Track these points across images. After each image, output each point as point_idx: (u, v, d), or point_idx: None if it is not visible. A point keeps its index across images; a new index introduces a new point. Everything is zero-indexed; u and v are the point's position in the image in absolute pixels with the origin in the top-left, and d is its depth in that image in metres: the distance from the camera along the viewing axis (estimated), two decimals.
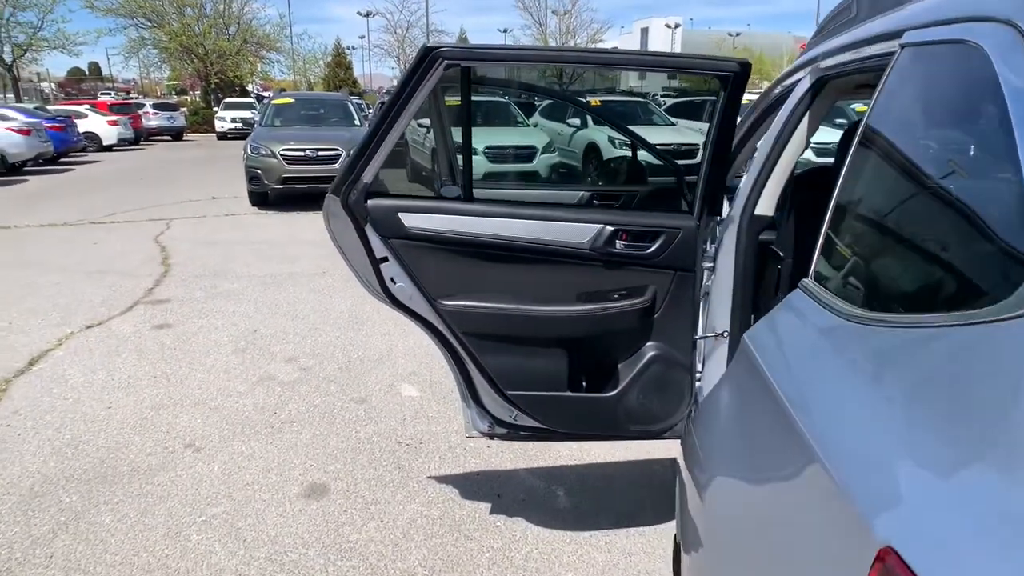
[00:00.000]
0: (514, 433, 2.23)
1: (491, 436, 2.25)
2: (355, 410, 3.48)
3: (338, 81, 43.05)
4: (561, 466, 2.96)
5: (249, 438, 3.18)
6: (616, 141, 10.10)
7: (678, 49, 47.62)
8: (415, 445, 3.12)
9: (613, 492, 2.78)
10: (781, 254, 2.13)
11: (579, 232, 1.96)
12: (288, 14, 58.13)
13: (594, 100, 12.14)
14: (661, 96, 21.45)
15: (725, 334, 2.15)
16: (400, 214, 1.90)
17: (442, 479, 2.85)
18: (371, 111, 17.15)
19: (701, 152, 2.02)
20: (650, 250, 2.00)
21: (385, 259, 1.94)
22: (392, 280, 1.96)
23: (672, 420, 2.14)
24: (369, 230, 1.90)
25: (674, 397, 2.12)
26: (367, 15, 47.58)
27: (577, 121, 11.54)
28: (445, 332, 2.02)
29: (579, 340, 2.06)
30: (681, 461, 1.65)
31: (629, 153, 3.06)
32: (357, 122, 10.79)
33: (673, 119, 12.15)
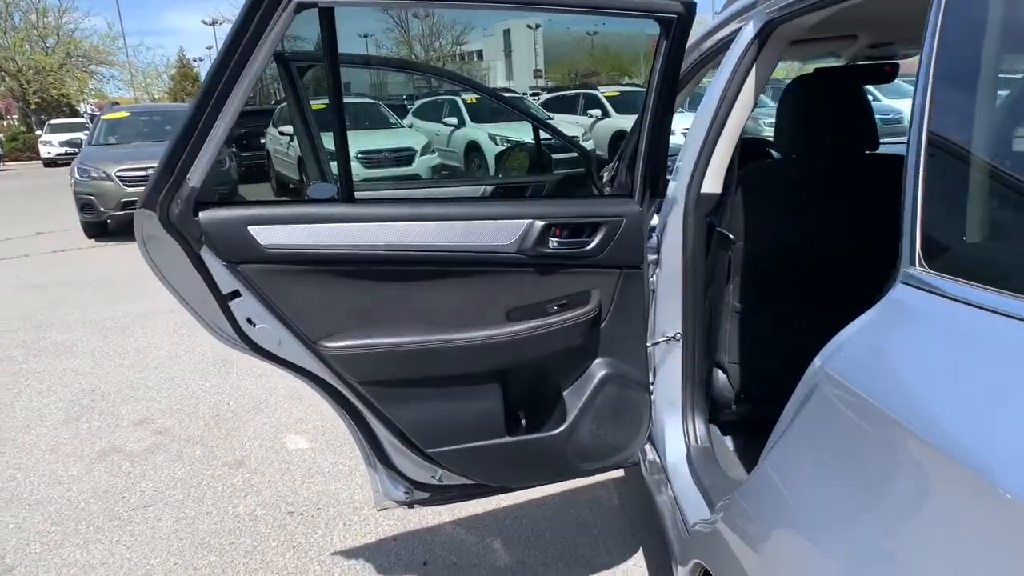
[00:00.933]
0: (440, 496, 1.73)
1: (410, 505, 1.74)
2: (230, 477, 2.81)
3: (185, 95, 39.91)
4: (493, 510, 2.49)
5: (87, 540, 2.43)
6: (497, 138, 9.77)
7: (541, 48, 48.53)
8: (311, 513, 2.52)
9: (559, 532, 2.34)
10: (732, 237, 1.78)
11: (502, 231, 1.51)
12: (120, 23, 53.13)
13: (470, 98, 11.73)
14: (530, 95, 21.59)
15: (678, 336, 1.78)
16: (251, 228, 1.34)
17: (351, 553, 2.29)
18: None
19: (638, 122, 1.63)
20: (590, 246, 1.58)
21: (236, 294, 1.38)
22: (250, 321, 1.40)
23: (633, 448, 1.74)
24: (207, 255, 1.33)
25: (633, 421, 1.73)
26: (213, 23, 44.46)
27: (454, 120, 11.09)
28: (334, 383, 1.49)
29: (513, 371, 1.60)
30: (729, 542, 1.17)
31: (527, 139, 2.65)
32: None
33: (549, 113, 12.05)
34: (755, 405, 2.00)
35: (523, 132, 8.79)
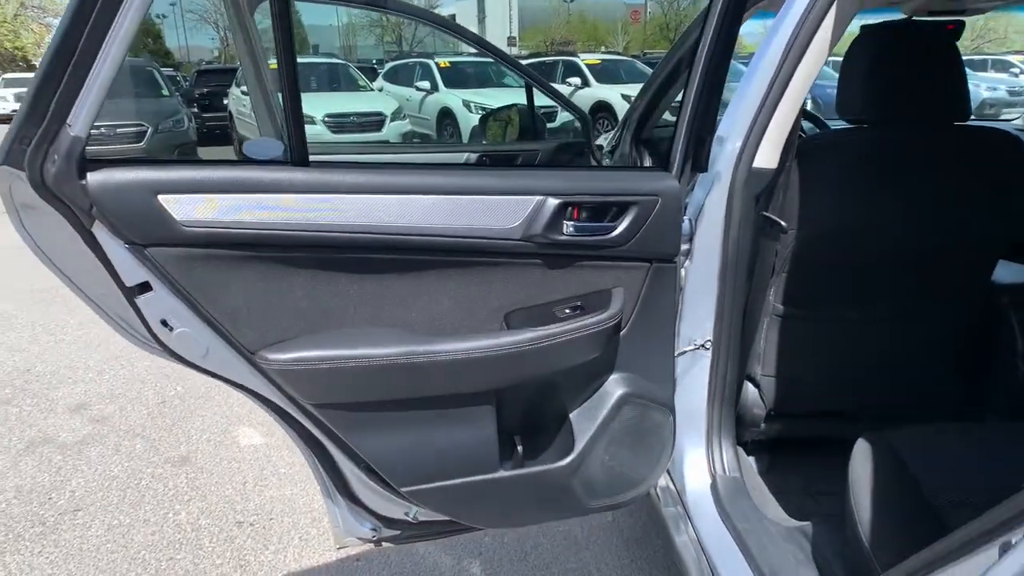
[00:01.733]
0: (414, 534, 1.47)
1: (376, 543, 1.47)
2: (172, 477, 2.51)
3: (148, 52, 38.13)
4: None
5: (2, 550, 2.13)
6: (472, 105, 9.34)
7: (515, 16, 47.34)
8: (263, 523, 2.25)
9: (546, 555, 2.11)
10: (783, 223, 1.52)
11: (504, 210, 1.19)
12: None
13: (442, 62, 11.24)
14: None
15: (708, 344, 1.53)
16: (162, 199, 1.02)
17: (307, 575, 2.03)
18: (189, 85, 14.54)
19: (684, 82, 1.31)
20: (616, 232, 1.26)
21: (146, 287, 1.06)
22: (166, 325, 1.10)
23: (650, 481, 1.48)
24: (101, 233, 1.00)
25: (653, 449, 1.45)
26: None
27: (427, 84, 10.61)
28: (282, 405, 1.20)
29: (510, 390, 1.33)
30: None
31: (520, 101, 2.33)
32: (166, 92, 9.11)
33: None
34: (787, 424, 1.77)
35: (499, 100, 8.37)
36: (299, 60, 1.12)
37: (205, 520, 2.27)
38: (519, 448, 1.38)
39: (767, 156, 1.43)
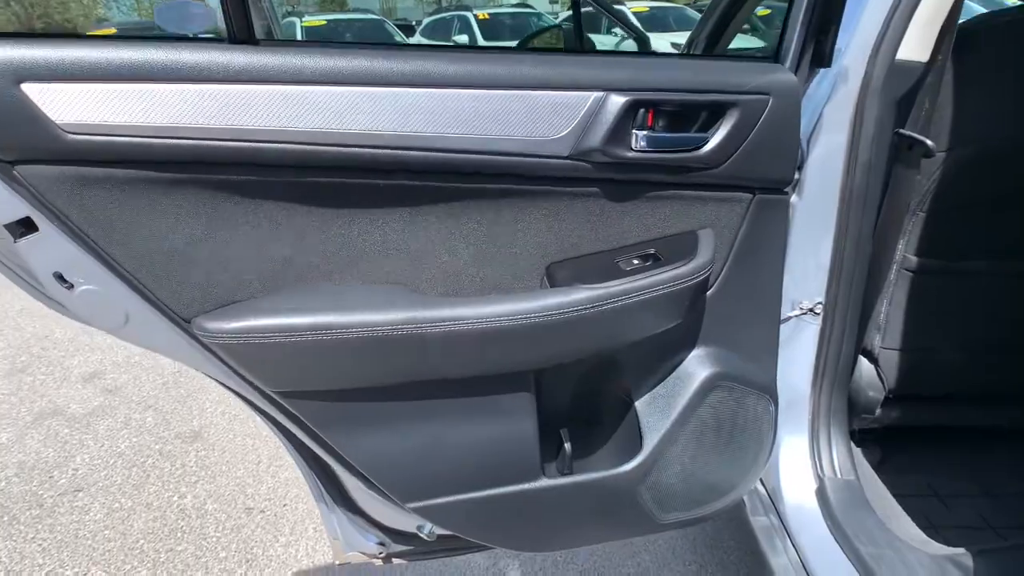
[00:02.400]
0: (429, 550, 1.16)
1: (386, 559, 1.17)
2: (181, 455, 2.28)
3: None
4: None
5: None
6: None
7: None
8: (274, 511, 1.99)
9: (598, 560, 1.80)
10: (929, 144, 1.12)
11: (546, 113, 0.83)
12: None
13: (481, 14, 10.73)
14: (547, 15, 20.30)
15: (818, 308, 1.16)
16: (29, 89, 0.69)
17: (320, 574, 1.76)
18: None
19: None
20: (708, 147, 0.90)
21: (28, 226, 0.75)
22: (63, 280, 0.78)
23: (742, 489, 1.13)
24: None
25: (748, 448, 1.10)
26: None
27: (465, 38, 10.15)
28: (240, 391, 0.89)
29: (556, 372, 0.98)
30: None
31: (567, 22, 1.94)
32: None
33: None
34: (909, 408, 1.39)
35: None
36: (333, 16, 0.77)
37: (212, 505, 2.02)
38: (567, 446, 1.04)
39: (915, 46, 1.03)
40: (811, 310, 1.19)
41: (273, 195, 0.80)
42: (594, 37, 11.85)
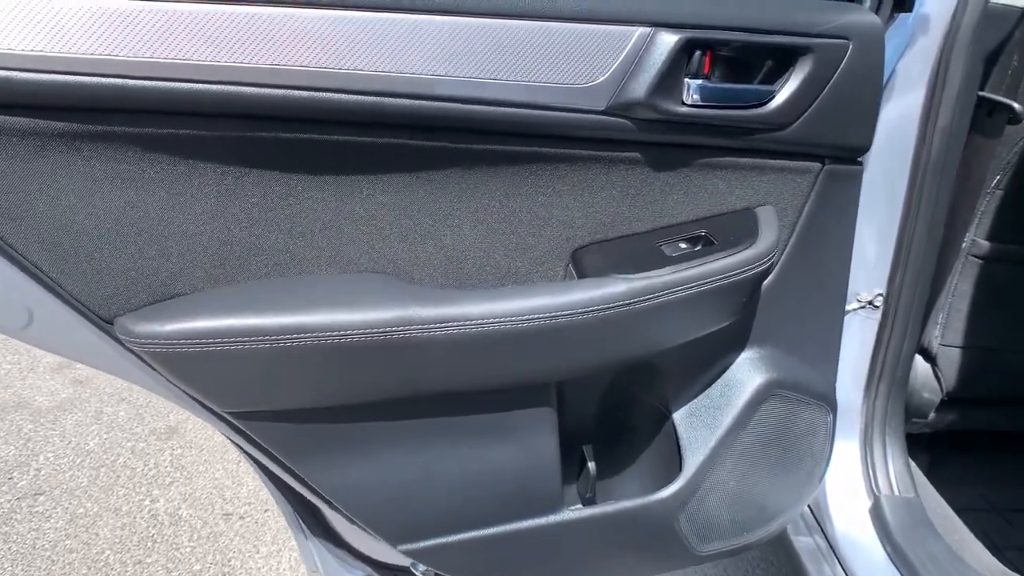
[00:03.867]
0: None
1: None
2: (155, 454, 2.10)
3: None
4: None
5: None
6: None
7: None
8: (255, 516, 1.82)
9: None
10: (1018, 108, 0.94)
11: (580, 53, 0.64)
12: None
13: None
14: None
15: (877, 300, 0.99)
16: None
17: None
18: None
19: None
20: (775, 103, 0.71)
21: None
22: None
23: (792, 512, 0.96)
24: None
25: (802, 465, 0.93)
26: None
27: None
28: (192, 411, 0.71)
29: (581, 383, 0.80)
30: None
31: None
32: None
33: None
34: (968, 412, 1.23)
35: None
36: None
37: (187, 510, 1.85)
38: (591, 466, 0.87)
39: None
40: (870, 302, 1.02)
41: (221, 155, 0.61)
42: None
